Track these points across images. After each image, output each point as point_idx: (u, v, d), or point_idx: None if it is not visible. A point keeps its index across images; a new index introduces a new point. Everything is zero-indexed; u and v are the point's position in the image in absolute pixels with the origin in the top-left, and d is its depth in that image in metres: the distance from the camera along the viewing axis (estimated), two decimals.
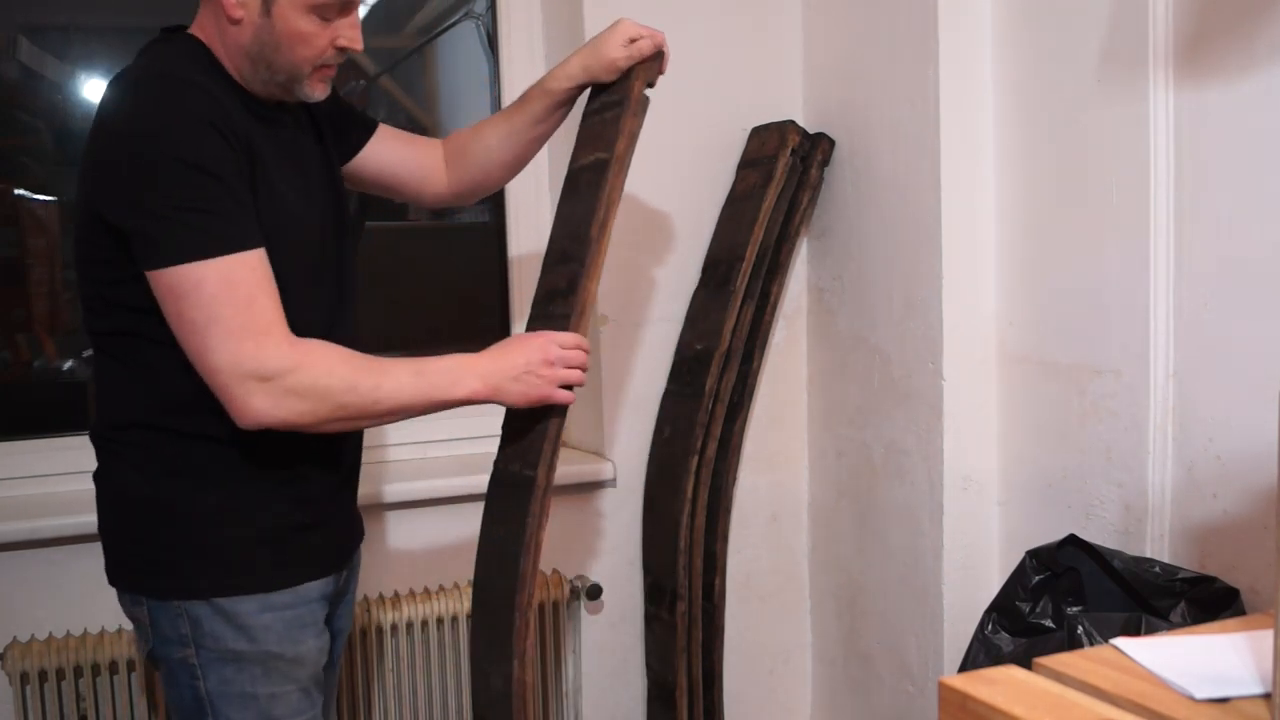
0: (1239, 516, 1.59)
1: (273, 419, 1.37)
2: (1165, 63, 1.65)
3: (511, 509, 1.64)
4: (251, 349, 1.34)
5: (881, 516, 2.22)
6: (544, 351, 1.56)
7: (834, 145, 2.29)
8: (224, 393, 1.36)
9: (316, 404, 1.39)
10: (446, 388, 1.49)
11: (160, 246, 1.34)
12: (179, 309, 1.35)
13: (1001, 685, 1.08)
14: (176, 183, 1.34)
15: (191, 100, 1.37)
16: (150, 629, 1.47)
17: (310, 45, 1.46)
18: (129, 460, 1.47)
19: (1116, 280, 1.76)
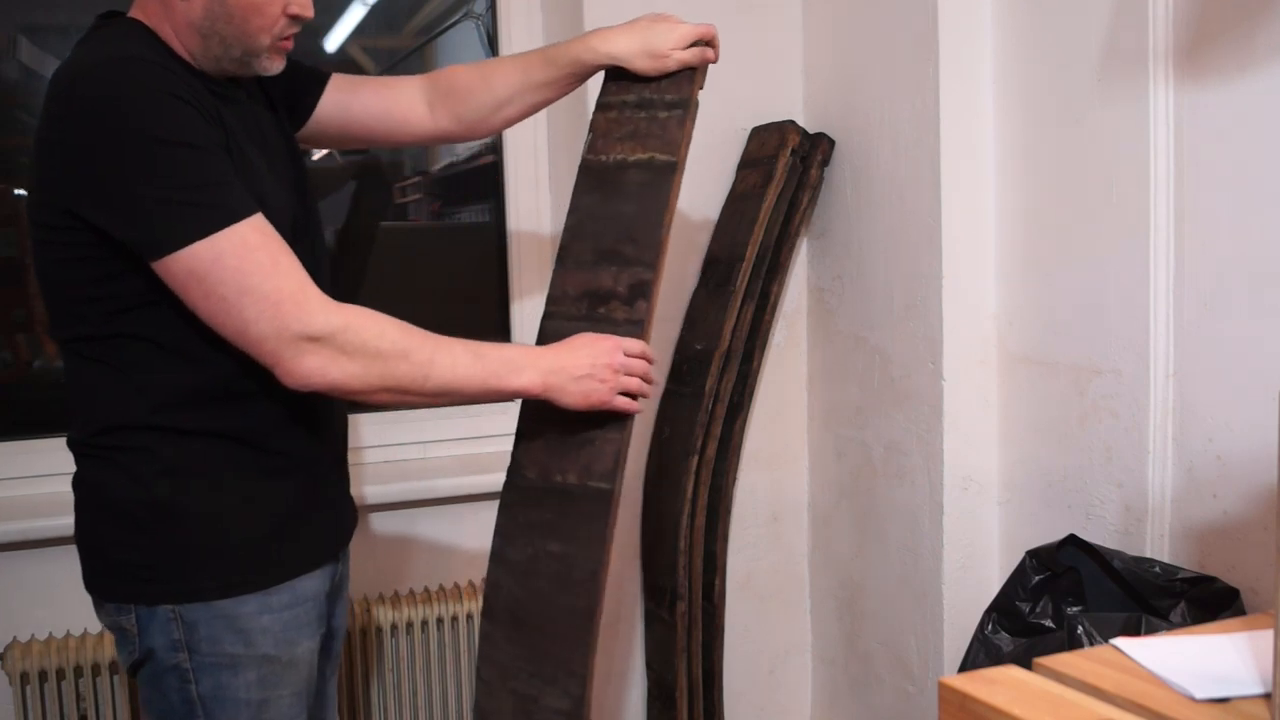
0: (1239, 516, 1.59)
1: (325, 380, 1.33)
2: (1165, 63, 1.65)
3: (578, 524, 1.54)
4: (293, 310, 1.31)
5: (881, 516, 2.22)
6: (611, 355, 1.50)
7: (834, 145, 2.29)
8: (273, 359, 1.32)
9: (368, 366, 1.34)
10: (504, 375, 1.45)
11: (166, 232, 1.29)
12: (204, 290, 1.29)
13: (1001, 685, 1.08)
14: (161, 163, 1.29)
15: (152, 77, 1.31)
16: (138, 637, 1.42)
17: (263, 14, 1.41)
18: (118, 465, 1.41)
19: (1116, 280, 1.76)
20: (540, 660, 1.56)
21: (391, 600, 2.22)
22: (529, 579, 1.58)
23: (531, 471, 1.61)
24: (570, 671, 1.53)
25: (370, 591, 2.25)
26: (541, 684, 1.56)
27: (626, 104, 1.67)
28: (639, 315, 1.56)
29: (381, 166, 2.62)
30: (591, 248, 1.63)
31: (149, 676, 1.45)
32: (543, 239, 2.48)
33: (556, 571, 1.56)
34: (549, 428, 1.58)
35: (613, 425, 1.54)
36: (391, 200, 2.63)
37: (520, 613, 1.58)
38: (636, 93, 1.66)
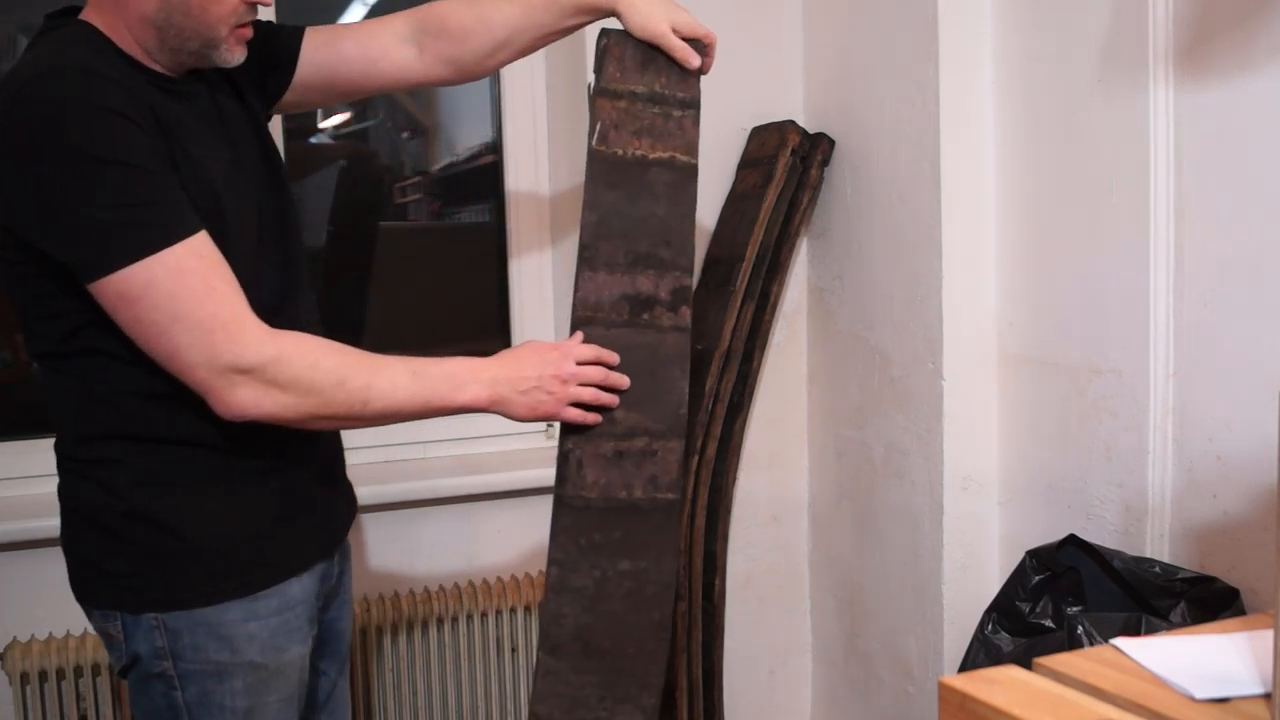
0: (1239, 516, 1.59)
1: (258, 412, 1.31)
2: (1165, 63, 1.65)
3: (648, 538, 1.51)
4: (224, 340, 1.27)
5: (881, 516, 2.22)
6: (558, 366, 1.47)
7: (834, 145, 2.29)
8: (204, 388, 1.30)
9: (301, 398, 1.32)
10: (447, 393, 1.42)
11: (98, 255, 1.25)
12: (135, 314, 1.27)
13: (1001, 685, 1.08)
14: (97, 182, 1.24)
15: (90, 90, 1.26)
16: (124, 644, 1.41)
17: (221, 3, 1.36)
18: (93, 477, 1.39)
19: (1116, 280, 1.76)
20: (614, 682, 1.52)
21: (391, 601, 2.22)
22: (599, 603, 1.53)
23: (591, 493, 1.55)
24: (645, 685, 1.50)
25: (370, 592, 2.25)
26: (614, 704, 1.52)
27: (636, 96, 1.61)
28: (684, 322, 1.52)
29: (381, 166, 2.62)
30: (624, 249, 1.58)
31: (137, 683, 1.44)
32: (543, 239, 2.48)
33: (630, 590, 1.52)
34: (604, 443, 1.53)
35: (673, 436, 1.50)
36: (391, 200, 2.64)
37: (592, 639, 1.53)
38: (646, 85, 1.60)
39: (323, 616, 1.57)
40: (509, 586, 2.28)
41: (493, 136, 2.52)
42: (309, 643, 1.51)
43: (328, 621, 1.60)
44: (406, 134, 2.71)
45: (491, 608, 2.26)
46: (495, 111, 2.50)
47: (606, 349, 1.52)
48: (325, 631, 1.59)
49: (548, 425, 2.50)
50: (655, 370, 1.54)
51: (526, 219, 2.48)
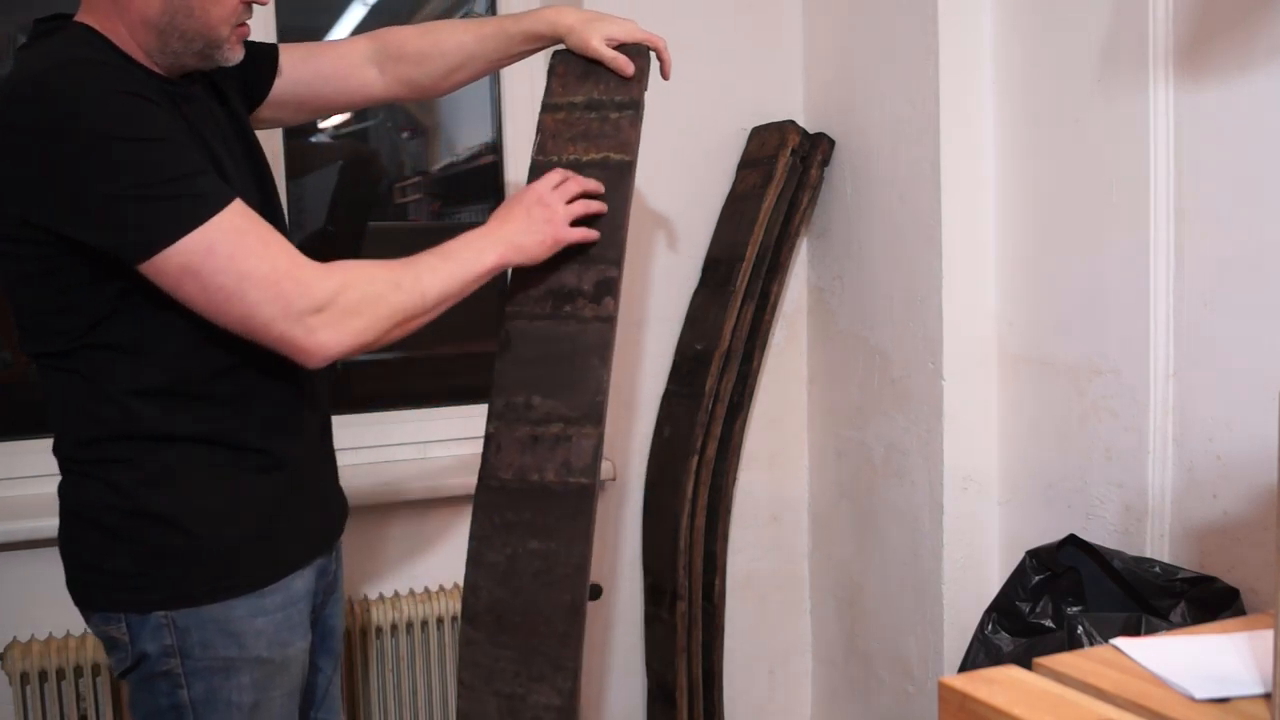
0: (1239, 516, 1.59)
1: (341, 347, 1.33)
2: (1165, 63, 1.65)
3: (559, 521, 1.56)
4: (293, 287, 1.30)
5: (881, 516, 2.22)
6: (539, 197, 1.54)
7: (834, 145, 2.29)
8: (284, 340, 1.31)
9: (374, 314, 1.35)
10: (475, 260, 1.47)
11: (150, 232, 1.25)
12: (201, 283, 1.27)
13: (1001, 685, 1.08)
14: (131, 162, 1.25)
15: (106, 77, 1.28)
16: (130, 644, 1.41)
17: (222, 4, 1.38)
18: (99, 478, 1.39)
19: (1116, 280, 1.76)
20: (529, 660, 1.57)
21: (391, 601, 2.22)
22: (510, 579, 1.59)
23: (506, 473, 1.62)
24: (559, 667, 1.54)
25: (370, 591, 2.25)
26: (529, 682, 1.57)
27: (575, 105, 1.69)
28: (607, 312, 1.58)
29: (382, 166, 2.62)
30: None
31: (139, 682, 1.43)
32: None
33: (539, 570, 1.57)
34: (520, 428, 1.61)
35: (589, 422, 1.56)
36: (391, 200, 2.63)
37: (505, 614, 1.59)
38: (585, 94, 1.68)
39: (319, 613, 1.58)
40: None
41: (493, 136, 2.52)
42: (309, 637, 1.52)
43: (324, 618, 1.61)
44: (406, 134, 2.71)
45: None
46: (495, 111, 2.50)
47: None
48: (321, 627, 1.60)
49: None
50: (575, 358, 1.59)
51: None
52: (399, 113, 2.62)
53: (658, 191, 2.35)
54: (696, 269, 2.38)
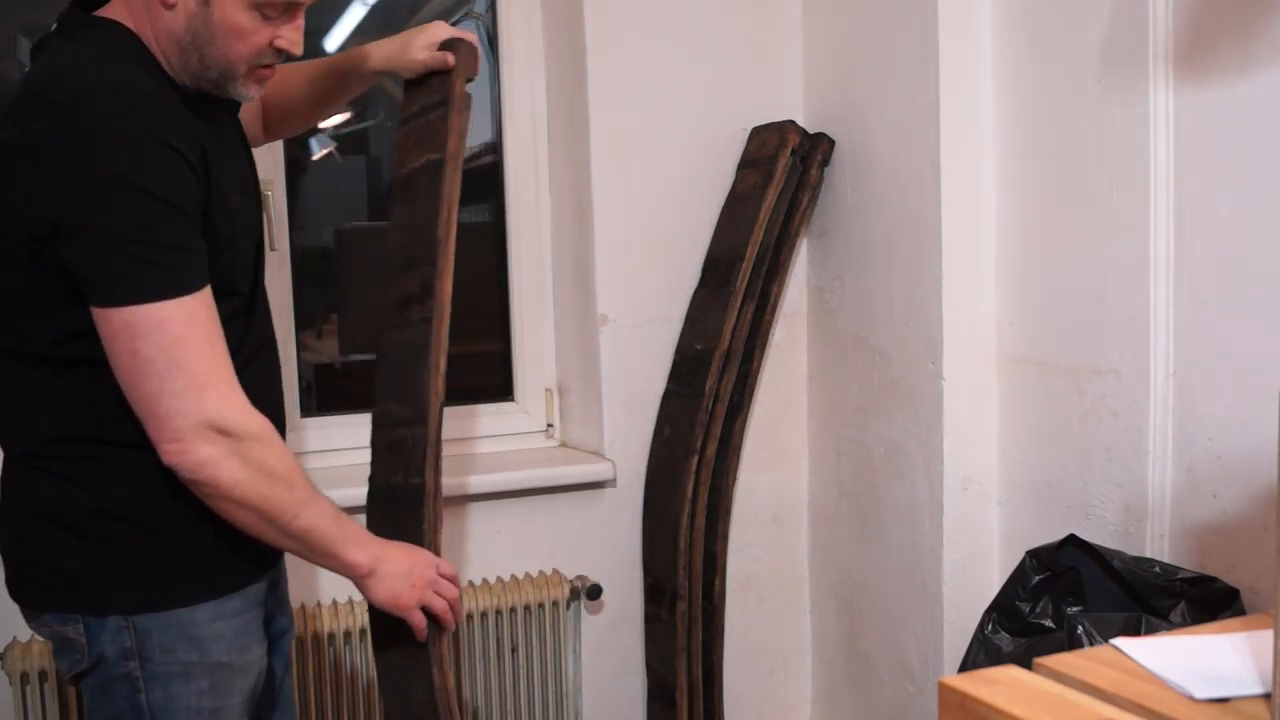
0: (1239, 516, 1.59)
1: (210, 475, 1.31)
2: (1165, 63, 1.65)
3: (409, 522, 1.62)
4: (214, 398, 1.29)
5: (881, 516, 2.22)
6: (427, 569, 1.53)
7: (834, 145, 2.29)
8: (173, 435, 1.29)
9: (254, 482, 1.33)
10: (348, 546, 1.45)
11: (121, 282, 1.25)
12: (134, 347, 1.26)
13: (1001, 685, 1.08)
14: (140, 215, 1.26)
15: (152, 120, 1.28)
16: (86, 646, 1.39)
17: (247, 42, 1.37)
18: (65, 475, 1.37)
19: (1116, 280, 1.76)
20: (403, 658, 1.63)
21: None
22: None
23: (378, 480, 1.69)
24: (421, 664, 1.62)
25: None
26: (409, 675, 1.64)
27: (413, 115, 1.73)
28: (428, 312, 1.61)
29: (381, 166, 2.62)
30: (401, 258, 1.70)
31: (96, 686, 1.41)
32: (543, 239, 2.48)
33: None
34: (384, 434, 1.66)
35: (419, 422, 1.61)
36: None
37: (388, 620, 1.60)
38: (418, 102, 1.72)
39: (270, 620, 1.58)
40: (509, 586, 2.28)
41: (493, 136, 2.52)
42: (265, 644, 1.52)
43: (275, 621, 1.61)
44: None
45: (491, 608, 2.26)
46: (495, 111, 2.50)
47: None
48: (272, 631, 1.60)
49: (549, 424, 2.51)
50: (412, 361, 1.64)
51: (526, 219, 2.48)
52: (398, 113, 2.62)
53: (658, 192, 2.35)
54: (696, 269, 2.38)
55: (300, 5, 1.41)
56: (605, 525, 2.39)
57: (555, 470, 2.35)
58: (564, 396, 2.50)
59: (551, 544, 2.36)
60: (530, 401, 2.51)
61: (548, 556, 2.35)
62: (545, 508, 2.35)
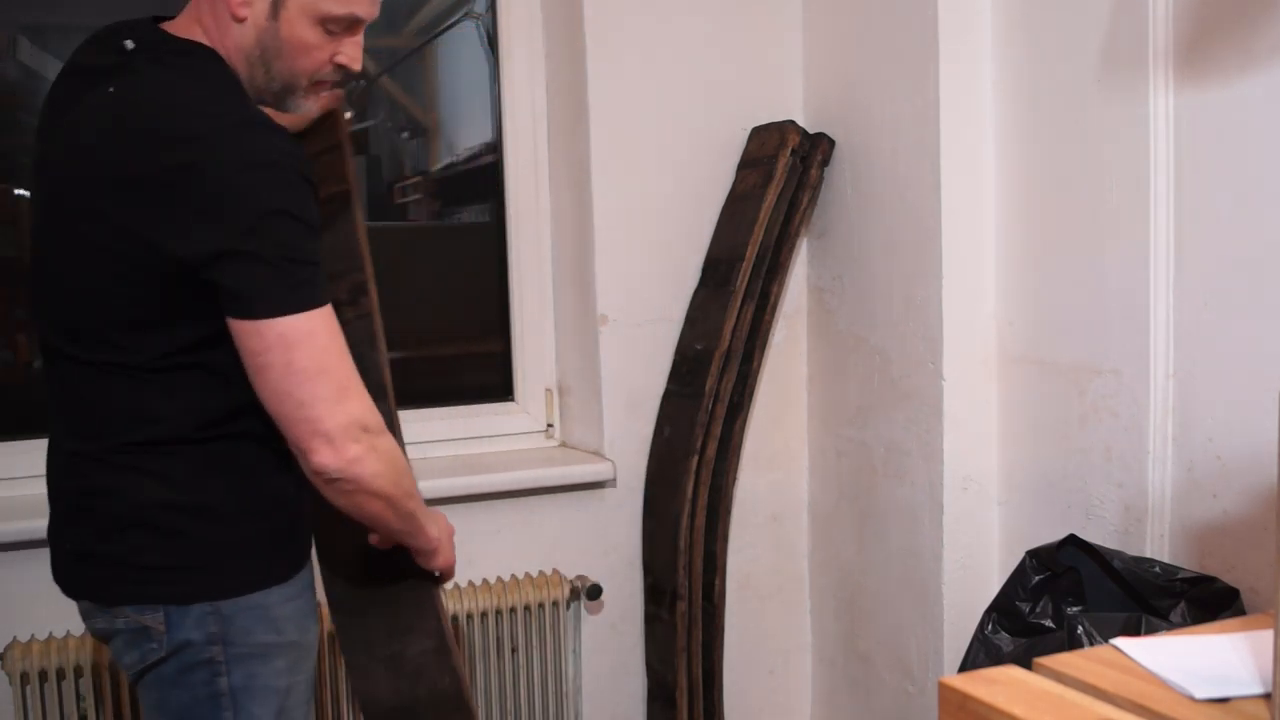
0: (1239, 516, 1.59)
1: (358, 471, 1.37)
2: (1165, 63, 1.65)
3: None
4: (356, 400, 1.37)
5: (881, 516, 2.22)
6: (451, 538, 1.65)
7: (834, 145, 2.29)
8: (324, 439, 1.35)
9: (389, 472, 1.41)
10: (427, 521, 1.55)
11: (279, 298, 1.33)
12: (289, 358, 1.33)
13: (1001, 685, 1.08)
14: (291, 237, 1.33)
15: (285, 151, 1.36)
16: (166, 635, 1.42)
17: (311, 57, 1.45)
18: (146, 471, 1.41)
19: (1116, 280, 1.76)
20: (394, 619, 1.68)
21: None
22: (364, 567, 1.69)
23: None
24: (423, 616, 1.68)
25: None
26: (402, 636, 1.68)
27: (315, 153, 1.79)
28: (364, 310, 1.68)
29: (381, 166, 2.62)
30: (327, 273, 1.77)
31: (171, 674, 1.44)
32: (543, 239, 2.48)
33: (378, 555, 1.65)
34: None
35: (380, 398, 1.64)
36: (391, 200, 2.64)
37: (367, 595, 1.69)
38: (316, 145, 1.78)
39: None
40: (509, 586, 2.28)
41: (493, 136, 2.52)
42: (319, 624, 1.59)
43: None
44: (406, 134, 2.71)
45: (491, 608, 2.26)
46: (495, 111, 2.50)
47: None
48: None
49: (549, 424, 2.51)
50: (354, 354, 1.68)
51: (526, 219, 2.48)
52: (399, 113, 2.62)
53: (658, 192, 2.35)
54: (696, 269, 2.38)
55: (362, 21, 1.47)
56: (605, 525, 2.39)
57: (555, 470, 2.35)
58: (564, 396, 2.50)
59: (551, 544, 2.36)
60: (530, 401, 2.51)
61: (548, 556, 2.35)
62: (545, 508, 2.35)
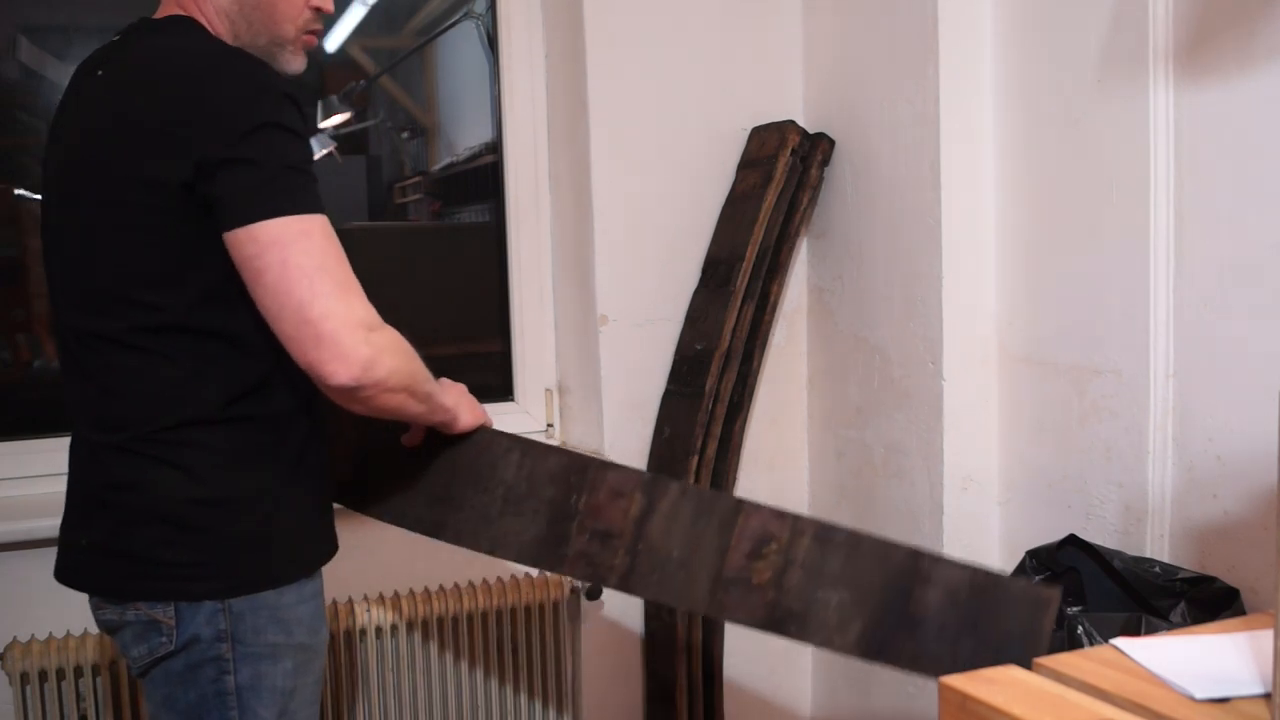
0: (1239, 516, 1.59)
1: (374, 372, 1.35)
2: (1165, 63, 1.65)
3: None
4: (358, 299, 1.35)
5: (881, 516, 2.22)
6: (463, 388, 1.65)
7: (834, 145, 2.29)
8: (330, 339, 1.32)
9: (404, 363, 1.40)
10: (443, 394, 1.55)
11: (268, 200, 1.33)
12: (284, 257, 1.31)
13: (1001, 685, 1.08)
14: (283, 145, 1.35)
15: (275, 77, 1.40)
16: (175, 629, 1.41)
17: (290, 3, 1.48)
18: (178, 463, 1.40)
19: (1116, 280, 1.76)
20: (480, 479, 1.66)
21: (392, 601, 2.22)
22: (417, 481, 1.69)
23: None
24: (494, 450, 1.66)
25: (370, 592, 2.25)
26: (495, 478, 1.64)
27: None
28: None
29: (380, 166, 2.62)
30: None
31: (179, 670, 1.43)
32: (543, 239, 2.49)
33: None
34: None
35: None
36: (391, 200, 2.64)
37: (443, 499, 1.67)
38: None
39: None
40: (509, 586, 2.28)
41: (493, 136, 2.52)
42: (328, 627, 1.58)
43: None
44: (406, 134, 2.71)
45: (491, 608, 2.26)
46: (495, 111, 2.50)
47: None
48: None
49: (549, 424, 2.51)
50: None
51: (526, 219, 2.48)
52: (399, 112, 2.63)
53: (658, 192, 2.35)
54: (696, 269, 2.38)
55: None
56: None
57: None
58: (564, 396, 2.50)
59: None
60: (530, 401, 2.52)
61: None
62: None
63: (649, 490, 1.55)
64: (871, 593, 1.42)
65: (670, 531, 1.53)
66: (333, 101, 2.56)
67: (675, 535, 1.52)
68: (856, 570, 1.43)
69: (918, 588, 1.39)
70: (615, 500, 1.56)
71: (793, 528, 1.47)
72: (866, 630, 1.41)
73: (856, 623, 1.42)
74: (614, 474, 1.57)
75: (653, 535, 1.53)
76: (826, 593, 1.44)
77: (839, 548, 1.44)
